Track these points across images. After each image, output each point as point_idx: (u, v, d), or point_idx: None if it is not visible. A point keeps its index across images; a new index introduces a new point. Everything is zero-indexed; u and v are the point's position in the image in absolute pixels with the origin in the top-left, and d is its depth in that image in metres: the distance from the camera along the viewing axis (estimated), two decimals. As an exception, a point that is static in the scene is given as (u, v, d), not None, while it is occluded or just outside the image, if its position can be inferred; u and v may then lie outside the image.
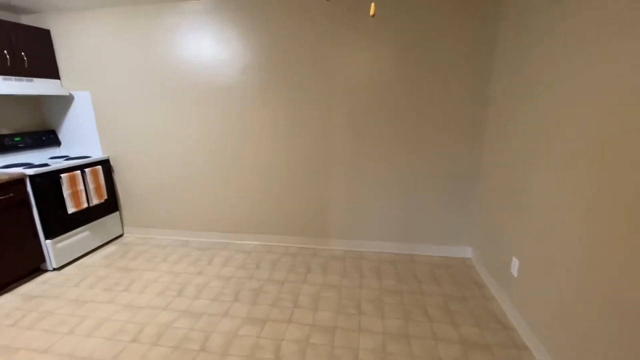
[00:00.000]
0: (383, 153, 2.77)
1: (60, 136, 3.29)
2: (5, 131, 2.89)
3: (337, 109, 2.74)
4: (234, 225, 3.21)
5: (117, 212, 3.38)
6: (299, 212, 3.05)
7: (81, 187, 2.87)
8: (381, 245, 2.99)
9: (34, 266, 2.62)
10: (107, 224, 3.25)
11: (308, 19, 2.59)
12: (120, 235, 3.44)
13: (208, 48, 2.77)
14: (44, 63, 2.93)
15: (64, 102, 3.18)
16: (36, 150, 3.07)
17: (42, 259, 2.66)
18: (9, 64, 2.63)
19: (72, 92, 3.12)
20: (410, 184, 2.80)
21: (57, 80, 3.04)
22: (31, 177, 2.52)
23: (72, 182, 2.79)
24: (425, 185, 2.78)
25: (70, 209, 2.78)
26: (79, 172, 2.84)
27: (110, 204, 3.27)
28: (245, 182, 3.07)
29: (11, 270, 2.44)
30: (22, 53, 2.73)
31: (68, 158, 3.07)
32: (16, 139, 2.89)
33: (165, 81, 2.90)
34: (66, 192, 2.74)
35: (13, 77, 2.65)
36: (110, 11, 2.84)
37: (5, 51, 2.59)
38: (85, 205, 2.91)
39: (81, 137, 3.25)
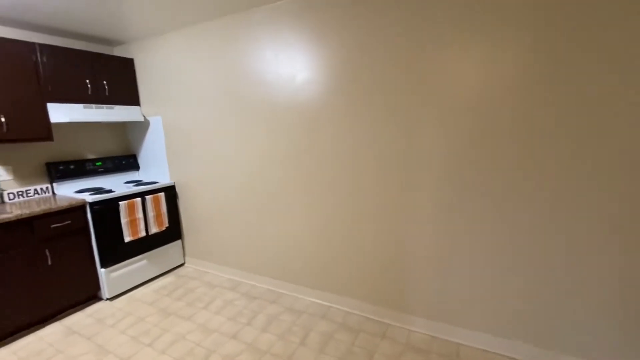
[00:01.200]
0: (505, 196, 1.75)
1: (140, 161, 3.37)
2: (91, 156, 3.06)
3: (432, 136, 1.89)
4: (289, 273, 2.62)
5: (180, 241, 3.23)
6: (369, 267, 2.24)
7: (139, 215, 2.77)
8: (490, 342, 1.91)
9: (91, 294, 2.57)
10: (168, 252, 3.10)
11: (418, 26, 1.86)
12: (181, 265, 3.28)
13: (285, 67, 2.30)
14: (125, 90, 3.01)
15: (143, 127, 3.24)
16: (115, 175, 3.18)
17: (98, 287, 2.60)
18: (89, 92, 2.73)
19: (149, 118, 3.14)
20: (554, 253, 1.68)
21: (138, 107, 3.10)
22: (90, 204, 2.49)
23: (131, 209, 2.69)
24: (586, 261, 1.62)
25: (127, 238, 2.68)
26: (138, 199, 2.75)
27: (173, 232, 3.13)
28: (309, 222, 2.45)
29: (68, 296, 2.40)
30: (104, 82, 2.83)
31: (139, 183, 3.07)
32: (97, 163, 3.02)
33: (235, 103, 2.57)
34: (124, 220, 2.65)
35: (94, 105, 2.74)
36: (181, 33, 2.71)
37: (87, 80, 2.70)
38: (142, 234, 2.79)
39: (154, 162, 3.25)
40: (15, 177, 2.55)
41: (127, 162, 3.27)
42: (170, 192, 3.08)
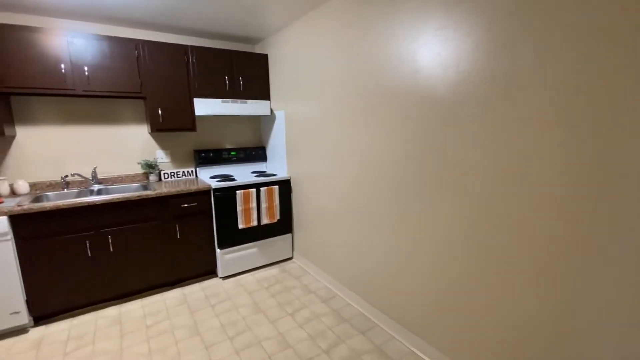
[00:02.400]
0: None
1: (267, 153, 3.55)
2: (228, 145, 3.42)
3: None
4: (391, 305, 2.11)
5: (290, 235, 3.22)
6: (528, 334, 1.49)
7: (253, 204, 2.87)
8: None
9: (210, 269, 2.86)
10: (278, 244, 3.14)
11: None
12: (289, 259, 3.27)
13: (437, 52, 1.85)
14: (258, 85, 3.18)
15: (270, 121, 3.37)
16: (246, 164, 3.45)
17: (215, 264, 2.88)
18: (227, 88, 3.00)
19: (275, 112, 3.23)
20: None
21: (268, 101, 3.23)
22: (213, 189, 2.73)
23: (246, 199, 2.82)
24: None
25: (240, 225, 2.83)
26: (253, 190, 2.85)
27: (284, 225, 3.14)
28: (427, 243, 1.89)
29: (190, 268, 2.74)
30: (240, 78, 3.05)
31: (262, 174, 3.21)
32: (232, 152, 3.34)
33: (354, 95, 2.21)
34: (239, 207, 2.80)
35: (230, 100, 3.01)
36: (307, 17, 2.54)
37: (226, 77, 2.97)
38: (254, 223, 2.90)
39: (277, 155, 3.34)
40: (172, 160, 3.10)
41: (257, 153, 3.50)
42: (285, 186, 3.09)
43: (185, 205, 2.63)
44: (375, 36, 1.93)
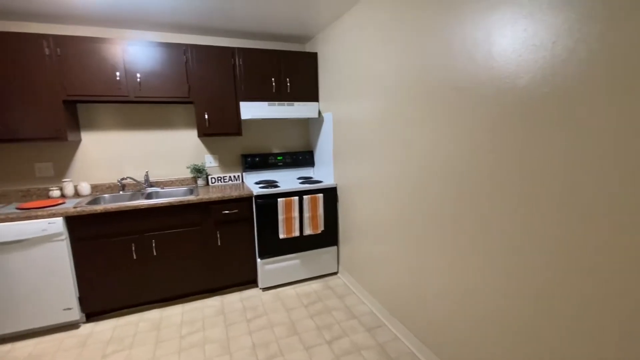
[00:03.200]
0: None
1: (315, 158, 3.34)
2: (275, 150, 3.30)
3: None
4: (454, 353, 1.72)
5: (336, 248, 2.95)
6: None
7: (295, 214, 2.68)
8: None
9: (250, 279, 2.75)
10: (322, 257, 2.90)
11: None
12: (334, 274, 3.00)
13: (511, 39, 1.48)
14: (306, 87, 2.98)
15: (318, 124, 3.15)
16: (293, 169, 3.29)
17: (255, 274, 2.76)
18: (274, 90, 2.86)
19: (323, 114, 3.00)
20: None
21: (316, 103, 3.02)
22: (255, 196, 2.61)
23: (287, 207, 2.64)
24: None
25: (281, 234, 2.66)
26: (296, 198, 2.65)
27: (329, 237, 2.89)
28: (502, 276, 1.49)
29: (231, 276, 2.67)
30: (287, 79, 2.89)
31: (308, 180, 3.01)
32: (279, 157, 3.21)
33: (411, 96, 1.86)
34: (280, 216, 2.63)
35: (276, 103, 2.87)
36: (356, 9, 2.29)
37: (272, 79, 2.84)
38: (296, 233, 2.70)
39: (324, 160, 3.10)
40: (220, 165, 3.09)
41: (304, 158, 3.32)
42: (331, 195, 2.83)
43: (227, 211, 2.55)
44: (436, 23, 1.56)
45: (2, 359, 1.95)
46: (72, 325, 2.26)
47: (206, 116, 2.66)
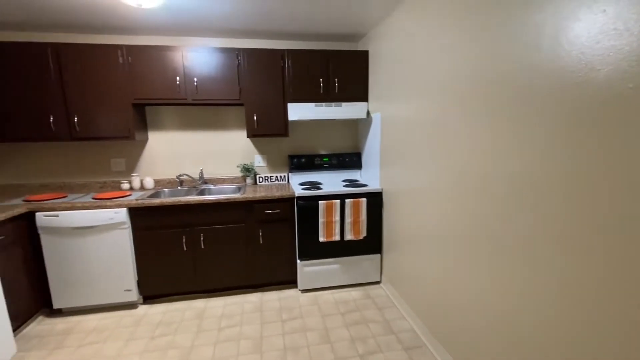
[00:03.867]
0: None
1: (363, 160, 3.21)
2: (322, 151, 3.26)
3: None
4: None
5: (379, 256, 2.80)
6: None
7: (336, 218, 2.60)
8: None
9: (290, 279, 2.76)
10: (363, 265, 2.78)
11: None
12: (376, 283, 2.86)
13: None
14: (354, 86, 2.88)
15: (367, 125, 3.02)
16: (338, 171, 3.21)
17: (295, 275, 2.76)
18: (321, 91, 2.82)
19: (372, 114, 2.87)
20: None
21: (365, 103, 2.90)
22: (297, 197, 2.60)
23: (328, 211, 2.58)
24: None
25: (321, 238, 2.61)
26: (337, 201, 2.58)
27: (372, 244, 2.76)
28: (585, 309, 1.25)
29: (271, 275, 2.71)
30: (336, 79, 2.83)
31: (353, 184, 2.92)
32: (324, 159, 3.17)
33: (485, 92, 1.64)
34: (321, 219, 2.59)
35: (324, 103, 2.83)
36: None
37: (320, 79, 2.80)
38: (336, 238, 2.63)
39: (371, 163, 2.97)
40: (268, 165, 3.16)
41: (351, 160, 3.22)
42: (376, 200, 2.70)
43: (269, 211, 2.59)
44: (504, 10, 1.35)
45: (73, 328, 2.26)
46: (130, 305, 2.53)
47: (255, 117, 2.74)
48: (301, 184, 2.96)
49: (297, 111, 2.77)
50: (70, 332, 2.22)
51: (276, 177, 3.15)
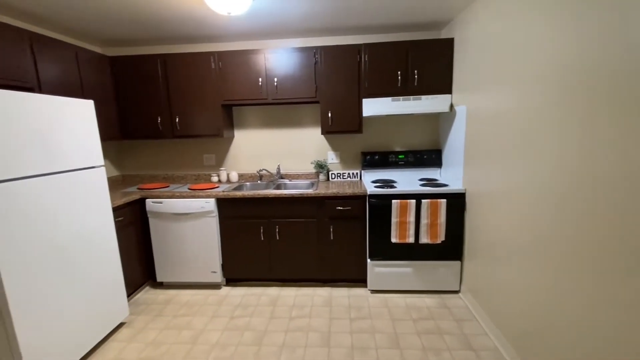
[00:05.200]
0: None
1: (443, 158, 2.96)
2: (397, 148, 3.11)
3: None
4: None
5: (459, 263, 2.56)
6: None
7: (411, 218, 2.46)
8: None
9: (360, 277, 2.73)
10: (440, 271, 2.57)
11: None
12: (454, 292, 2.61)
13: None
14: (436, 78, 2.67)
15: (449, 119, 2.77)
16: (415, 169, 3.03)
17: (365, 274, 2.71)
18: (399, 84, 2.69)
19: (456, 107, 2.62)
20: None
21: (448, 96, 2.67)
22: (369, 195, 2.54)
23: (402, 211, 2.45)
24: None
25: (393, 239, 2.50)
26: (413, 201, 2.43)
27: (451, 250, 2.53)
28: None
29: (340, 271, 2.71)
30: (415, 71, 2.67)
31: (430, 183, 2.72)
32: (400, 156, 3.02)
33: (601, 83, 1.42)
34: (394, 219, 2.48)
35: (401, 97, 2.69)
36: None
37: (398, 72, 2.67)
38: (410, 240, 2.48)
39: (453, 161, 2.71)
40: (341, 161, 3.16)
41: (429, 157, 3.00)
42: (457, 201, 2.46)
43: (340, 208, 2.59)
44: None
45: (170, 300, 2.62)
46: (215, 286, 2.82)
47: (329, 114, 2.76)
48: (374, 182, 2.88)
49: (373, 106, 2.69)
50: (168, 302, 2.59)
51: (348, 174, 3.13)
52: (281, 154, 3.20)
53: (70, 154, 1.91)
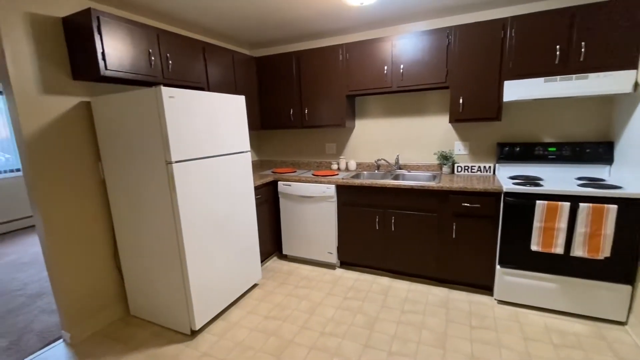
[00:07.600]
0: None
1: (616, 152, 2.30)
2: (546, 139, 2.58)
3: None
4: None
5: (629, 287, 1.97)
6: None
7: (562, 224, 2.02)
8: None
9: (484, 284, 2.43)
10: (599, 294, 2.05)
11: None
12: (618, 323, 2.03)
13: None
14: (614, 48, 2.07)
15: (630, 102, 2.11)
16: (569, 165, 2.46)
17: (491, 281, 2.40)
18: (556, 61, 2.20)
19: (643, 87, 1.97)
20: None
21: (631, 72, 2.04)
22: (505, 193, 2.20)
23: (550, 214, 2.04)
24: None
25: (534, 246, 2.12)
26: (567, 204, 1.99)
27: (617, 269, 1.98)
28: None
29: (461, 274, 2.48)
30: (582, 43, 2.13)
31: (592, 183, 2.17)
32: (550, 149, 2.49)
33: None
34: (536, 223, 2.09)
35: (558, 77, 2.20)
36: None
37: (557, 46, 2.18)
38: (557, 250, 2.05)
39: (632, 157, 2.08)
40: (470, 153, 2.84)
41: (595, 151, 2.38)
42: (634, 210, 1.88)
43: (467, 204, 2.34)
44: None
45: (292, 272, 2.94)
46: (330, 266, 3.00)
47: (461, 100, 2.50)
48: (512, 178, 2.48)
49: (517, 90, 2.30)
50: (291, 273, 2.91)
51: (478, 167, 2.79)
52: (401, 144, 3.11)
53: (230, 140, 2.33)
